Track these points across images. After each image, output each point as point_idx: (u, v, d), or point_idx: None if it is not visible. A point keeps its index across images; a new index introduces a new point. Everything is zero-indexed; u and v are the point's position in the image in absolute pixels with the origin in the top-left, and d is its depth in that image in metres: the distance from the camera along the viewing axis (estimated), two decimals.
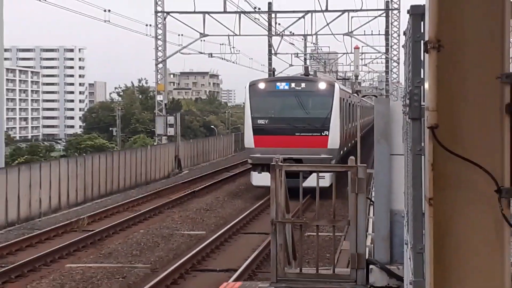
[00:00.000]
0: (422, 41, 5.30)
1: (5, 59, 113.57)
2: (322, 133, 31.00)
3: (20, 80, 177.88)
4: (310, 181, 24.76)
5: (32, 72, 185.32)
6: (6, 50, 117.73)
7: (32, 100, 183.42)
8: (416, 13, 5.44)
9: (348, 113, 36.99)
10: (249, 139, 32.11)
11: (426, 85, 3.60)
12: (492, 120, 3.38)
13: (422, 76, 5.44)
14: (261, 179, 31.06)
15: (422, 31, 5.40)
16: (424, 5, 4.47)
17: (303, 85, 31.82)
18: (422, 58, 5.42)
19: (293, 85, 31.77)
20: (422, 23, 5.38)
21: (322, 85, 31.84)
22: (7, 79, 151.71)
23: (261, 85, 32.11)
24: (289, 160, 27.20)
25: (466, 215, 3.39)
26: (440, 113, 3.39)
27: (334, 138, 31.11)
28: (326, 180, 26.01)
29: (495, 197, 3.34)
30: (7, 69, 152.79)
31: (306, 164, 26.32)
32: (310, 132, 31.16)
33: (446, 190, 3.40)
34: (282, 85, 31.96)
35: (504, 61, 3.38)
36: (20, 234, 25.91)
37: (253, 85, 32.23)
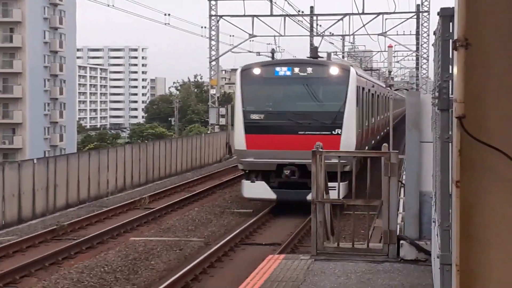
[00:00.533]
0: (451, 40, 5.25)
1: (78, 57, 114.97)
2: (333, 132, 22.04)
3: (90, 76, 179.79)
4: None
5: (101, 69, 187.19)
6: (78, 49, 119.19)
7: (101, 93, 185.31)
8: (446, 14, 5.39)
9: (370, 105, 28.00)
10: (239, 139, 23.05)
11: (455, 79, 3.56)
12: None
13: (450, 72, 5.40)
14: (254, 190, 22.99)
15: (451, 31, 5.36)
16: (453, 7, 4.43)
17: (309, 70, 22.69)
18: (450, 56, 5.38)
19: (296, 70, 22.69)
20: (451, 23, 5.33)
21: (333, 70, 22.59)
22: (79, 75, 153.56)
23: (256, 71, 22.95)
24: (290, 166, 22.22)
25: (490, 196, 3.36)
26: (467, 105, 3.36)
27: (348, 138, 22.21)
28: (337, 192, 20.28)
29: None
30: (79, 67, 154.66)
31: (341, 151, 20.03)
32: (318, 130, 22.15)
33: (472, 174, 3.37)
34: (283, 71, 22.73)
35: None
36: (90, 210, 26.28)
37: (246, 70, 23.25)
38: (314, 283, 8.77)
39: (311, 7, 54.33)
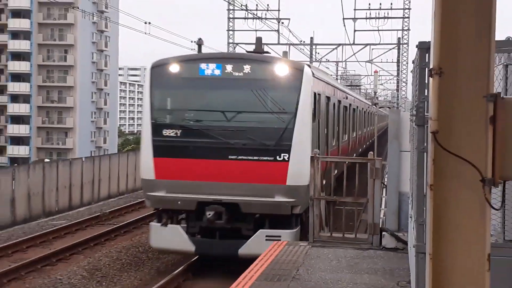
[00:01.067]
0: (427, 68, 5.26)
1: (119, 75, 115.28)
2: (278, 157, 12.91)
3: (129, 90, 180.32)
4: (251, 247, 12.27)
5: (138, 85, 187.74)
6: (120, 68, 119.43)
7: (138, 105, 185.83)
8: (423, 47, 5.40)
9: (341, 120, 18.93)
10: (146, 165, 13.63)
11: (430, 101, 3.58)
12: (479, 128, 3.35)
13: (426, 94, 5.40)
14: (166, 237, 13.38)
15: (427, 60, 5.36)
16: (429, 41, 4.44)
17: (246, 68, 13.44)
18: (426, 81, 5.38)
19: (229, 68, 13.46)
20: (427, 54, 5.34)
21: (280, 70, 13.30)
22: (120, 90, 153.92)
23: (173, 68, 13.71)
24: (216, 205, 12.79)
25: (458, 198, 3.36)
26: (440, 122, 3.37)
27: (300, 166, 12.74)
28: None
29: (480, 185, 3.31)
30: (120, 83, 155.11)
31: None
32: (256, 154, 13.05)
33: (443, 179, 3.37)
34: (210, 69, 13.53)
35: (489, 84, 3.35)
36: (127, 201, 26.31)
37: (158, 68, 14.00)
38: (311, 265, 8.77)
39: (311, 38, 54.29)
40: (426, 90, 5.43)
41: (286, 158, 12.81)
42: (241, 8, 39.76)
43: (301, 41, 49.56)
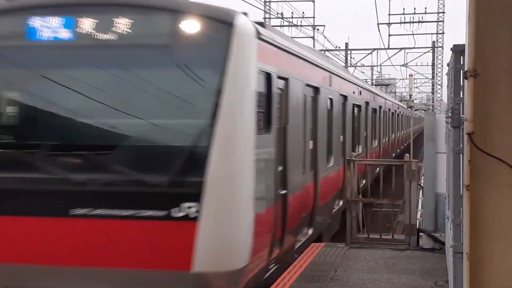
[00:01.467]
0: (462, 71, 5.20)
1: None
2: (177, 212, 5.21)
3: None
4: None
5: None
6: None
7: None
8: (458, 50, 5.35)
9: (341, 125, 11.74)
10: None
11: (465, 103, 3.55)
12: None
13: (461, 96, 5.34)
14: None
15: (462, 63, 5.30)
16: (463, 44, 4.41)
17: (122, 25, 5.34)
18: (461, 83, 5.32)
19: (87, 25, 5.43)
20: (461, 57, 5.29)
21: (188, 24, 5.30)
22: None
23: None
24: None
25: (494, 198, 3.33)
26: (475, 123, 3.35)
27: (227, 229, 5.28)
28: None
29: None
30: None
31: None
32: (132, 205, 5.27)
33: (479, 179, 3.35)
34: (51, 27, 5.34)
35: None
36: None
37: None
38: (349, 266, 8.73)
39: (346, 43, 54.11)
40: (461, 92, 5.37)
41: (193, 211, 5.61)
42: (277, 16, 39.90)
43: (336, 47, 49.43)
